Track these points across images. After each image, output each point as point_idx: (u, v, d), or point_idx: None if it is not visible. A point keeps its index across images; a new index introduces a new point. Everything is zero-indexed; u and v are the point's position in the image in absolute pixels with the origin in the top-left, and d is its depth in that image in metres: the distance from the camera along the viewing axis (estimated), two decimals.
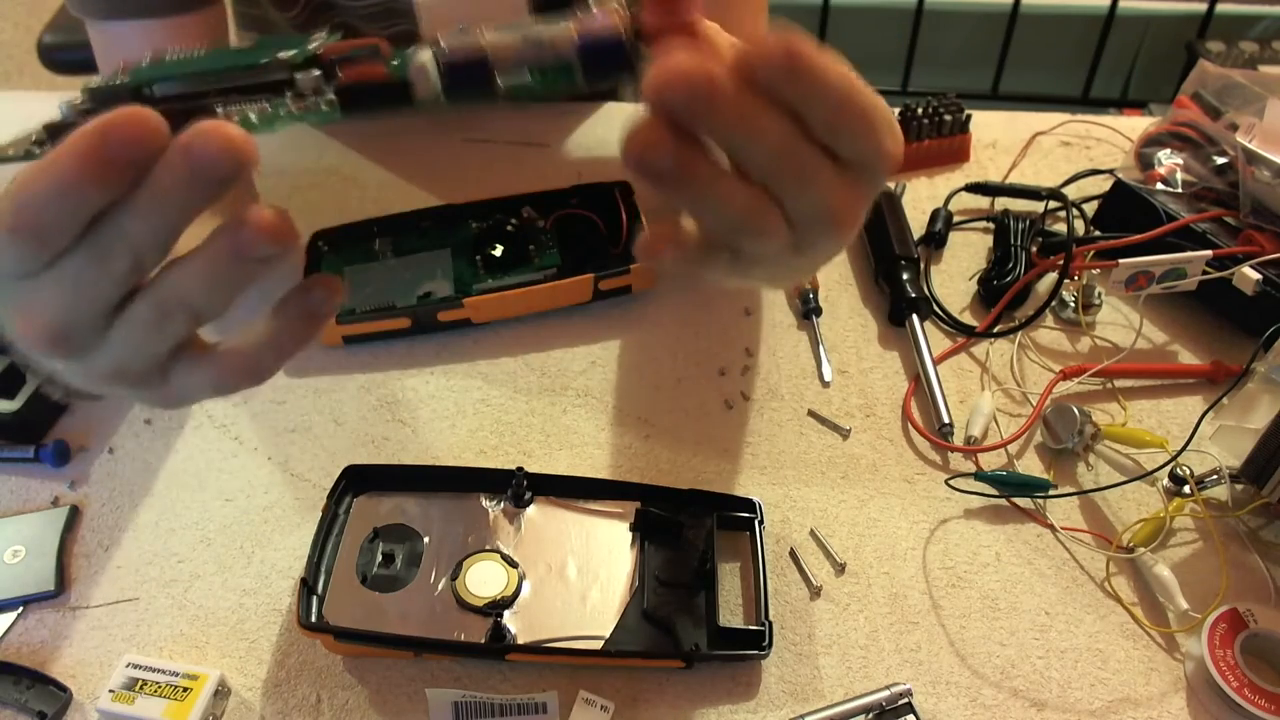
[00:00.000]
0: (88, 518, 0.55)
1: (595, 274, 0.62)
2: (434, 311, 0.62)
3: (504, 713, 0.45)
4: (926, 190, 0.74)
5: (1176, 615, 0.49)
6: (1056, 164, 0.76)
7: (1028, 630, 0.49)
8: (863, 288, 0.67)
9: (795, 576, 0.51)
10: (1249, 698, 0.44)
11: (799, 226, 0.30)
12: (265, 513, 0.55)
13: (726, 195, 0.28)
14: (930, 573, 0.51)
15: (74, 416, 0.60)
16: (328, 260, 0.66)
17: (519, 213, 0.67)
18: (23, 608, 0.50)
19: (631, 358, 0.62)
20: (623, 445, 0.58)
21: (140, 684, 0.45)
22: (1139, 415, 0.59)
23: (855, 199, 0.30)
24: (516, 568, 0.49)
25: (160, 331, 0.29)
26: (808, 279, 0.44)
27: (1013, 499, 0.54)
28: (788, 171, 0.28)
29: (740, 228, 0.29)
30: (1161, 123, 0.70)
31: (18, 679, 0.47)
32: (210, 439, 0.58)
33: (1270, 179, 0.60)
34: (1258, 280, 0.57)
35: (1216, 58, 1.35)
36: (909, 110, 0.76)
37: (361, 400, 0.60)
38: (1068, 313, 0.64)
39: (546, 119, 0.81)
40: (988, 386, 0.60)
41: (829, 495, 0.55)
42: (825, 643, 0.49)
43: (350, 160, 0.78)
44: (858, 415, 0.59)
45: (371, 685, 0.47)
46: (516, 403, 0.60)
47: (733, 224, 0.29)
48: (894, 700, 0.46)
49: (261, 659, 0.48)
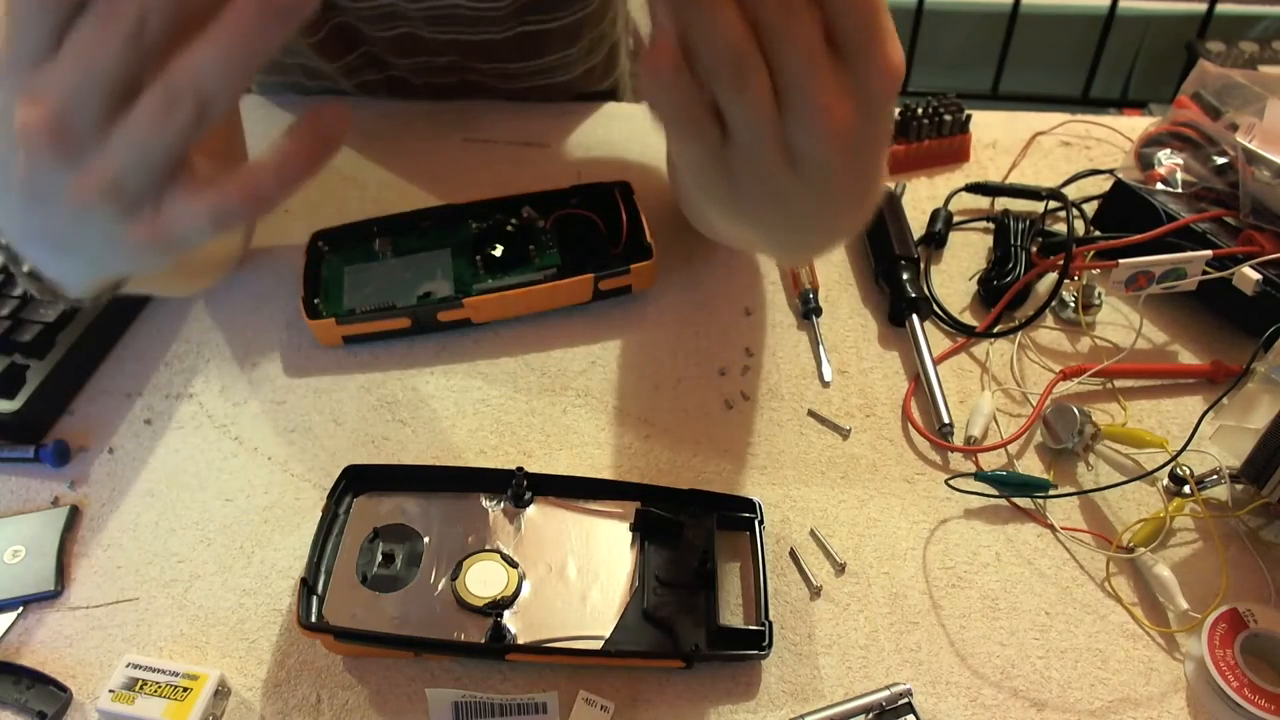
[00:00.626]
0: (88, 518, 0.55)
1: (595, 274, 0.62)
2: (434, 311, 0.62)
3: (504, 713, 0.45)
4: (926, 190, 0.74)
5: (1176, 615, 0.49)
6: (1056, 164, 0.76)
7: (1028, 630, 0.49)
8: (863, 288, 0.67)
9: (795, 576, 0.51)
10: (1249, 698, 0.44)
11: (790, 116, 0.30)
12: (265, 513, 0.55)
13: (725, 23, 0.28)
14: (930, 573, 0.51)
15: (74, 416, 0.60)
16: (328, 260, 0.66)
17: (519, 213, 0.67)
18: (23, 608, 0.50)
19: (631, 358, 0.62)
20: (623, 445, 0.58)
21: (140, 684, 0.46)
22: (1139, 415, 0.59)
23: (851, 110, 0.30)
24: (516, 568, 0.49)
25: (165, 124, 0.28)
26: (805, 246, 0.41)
27: (1013, 499, 0.54)
28: (786, 30, 0.28)
29: (728, 66, 0.29)
30: (1161, 123, 0.70)
31: (18, 679, 0.47)
32: (210, 439, 0.58)
33: (1270, 179, 0.60)
34: (1258, 280, 0.57)
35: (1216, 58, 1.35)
36: (909, 110, 0.76)
37: (361, 400, 0.60)
38: (1068, 313, 0.64)
39: (546, 119, 0.81)
40: (988, 386, 0.60)
41: (829, 495, 0.55)
42: (825, 643, 0.49)
43: (350, 160, 0.78)
44: (858, 415, 0.59)
45: (371, 685, 0.47)
46: (516, 403, 0.60)
47: (722, 58, 0.28)
48: (894, 700, 0.46)
49: (261, 659, 0.48)
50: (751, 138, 0.31)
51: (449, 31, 0.74)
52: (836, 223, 0.36)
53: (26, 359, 0.59)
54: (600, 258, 0.64)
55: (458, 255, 0.65)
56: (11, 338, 0.59)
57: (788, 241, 0.39)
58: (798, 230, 0.37)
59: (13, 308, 0.61)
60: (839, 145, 0.30)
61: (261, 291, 0.67)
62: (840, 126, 0.30)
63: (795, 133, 0.30)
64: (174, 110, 0.28)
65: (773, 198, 0.33)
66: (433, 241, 0.67)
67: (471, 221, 0.67)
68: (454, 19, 0.72)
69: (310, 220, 0.69)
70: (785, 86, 0.29)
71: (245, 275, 0.68)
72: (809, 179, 0.32)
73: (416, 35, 0.74)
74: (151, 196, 0.31)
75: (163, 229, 0.31)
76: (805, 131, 0.30)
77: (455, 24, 0.73)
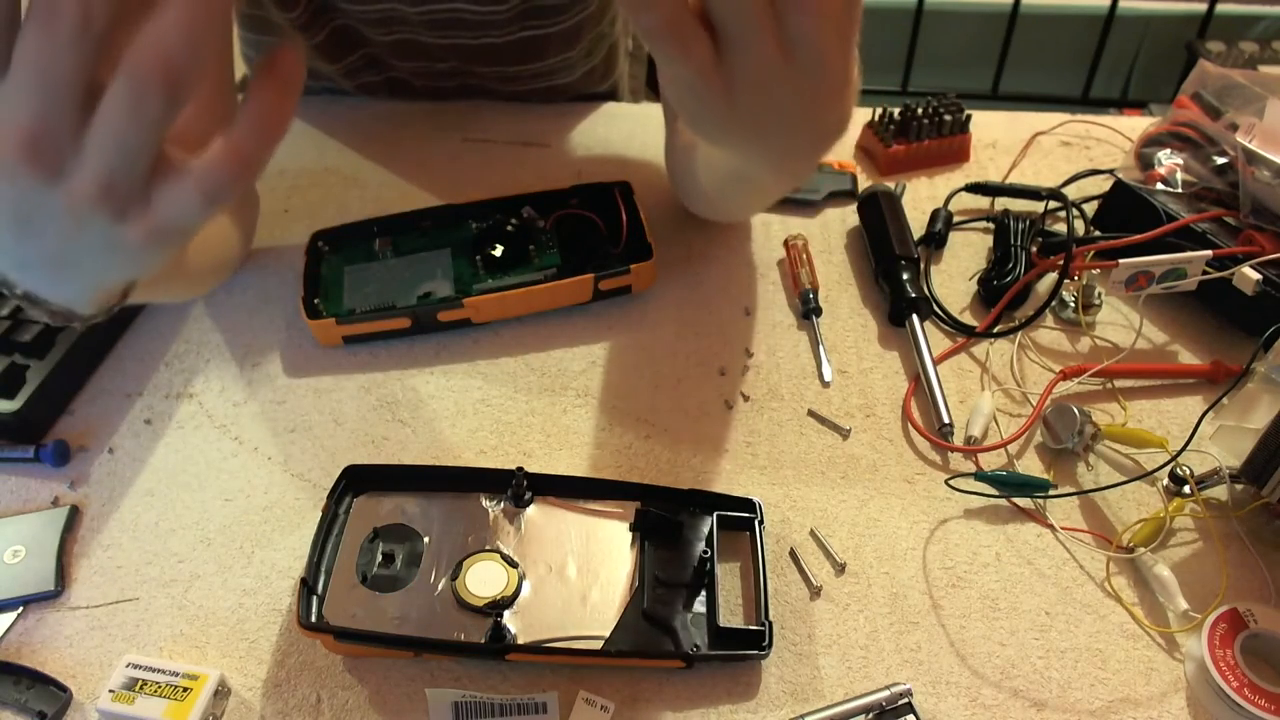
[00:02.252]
0: (88, 518, 0.55)
1: (595, 274, 0.62)
2: (434, 311, 0.62)
3: (504, 713, 0.45)
4: (926, 190, 0.74)
5: (1176, 615, 0.49)
6: (1056, 164, 0.76)
7: (1028, 630, 0.49)
8: (863, 288, 0.67)
9: (795, 576, 0.51)
10: (1249, 698, 0.44)
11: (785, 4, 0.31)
12: (265, 513, 0.55)
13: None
14: (930, 573, 0.51)
15: (74, 416, 0.60)
16: (328, 260, 0.66)
17: (519, 213, 0.67)
18: (23, 608, 0.50)
19: (631, 358, 0.62)
20: (623, 445, 0.58)
21: (140, 684, 0.45)
22: (1139, 415, 0.59)
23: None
24: (516, 568, 0.49)
25: (138, 114, 0.27)
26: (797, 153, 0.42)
27: (1013, 499, 0.54)
28: None
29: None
30: (1161, 123, 0.70)
31: (18, 679, 0.47)
32: (210, 439, 0.58)
33: (1270, 179, 0.60)
34: (1258, 280, 0.57)
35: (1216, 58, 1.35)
36: (909, 110, 0.76)
37: (361, 400, 0.60)
38: (1068, 313, 0.64)
39: (546, 119, 0.81)
40: (988, 386, 0.60)
41: (829, 495, 0.55)
42: (825, 643, 0.49)
43: (350, 160, 0.78)
44: (858, 415, 0.59)
45: (371, 685, 0.47)
46: (516, 403, 0.60)
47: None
48: (894, 700, 0.46)
49: (261, 659, 0.48)
50: (746, 30, 0.32)
51: (449, 36, 0.74)
52: (826, 118, 0.37)
53: (26, 359, 0.59)
54: (600, 258, 0.64)
55: (458, 255, 0.65)
56: (11, 338, 0.59)
57: (781, 150, 0.40)
58: (790, 133, 0.38)
59: (13, 308, 0.61)
60: (831, 26, 0.32)
61: (261, 291, 0.67)
62: (831, 5, 0.32)
63: (790, 19, 0.32)
64: (144, 97, 0.27)
65: (767, 100, 0.35)
66: (433, 241, 0.67)
67: (471, 221, 0.68)
68: (455, 24, 0.72)
69: (310, 220, 0.69)
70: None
71: (245, 275, 0.68)
72: (803, 66, 0.33)
73: (417, 39, 0.74)
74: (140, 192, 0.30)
75: (159, 220, 0.31)
76: (799, 15, 0.32)
77: (456, 28, 0.73)
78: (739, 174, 0.49)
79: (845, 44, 0.34)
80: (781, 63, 0.33)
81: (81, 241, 0.32)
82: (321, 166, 0.77)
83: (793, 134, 0.38)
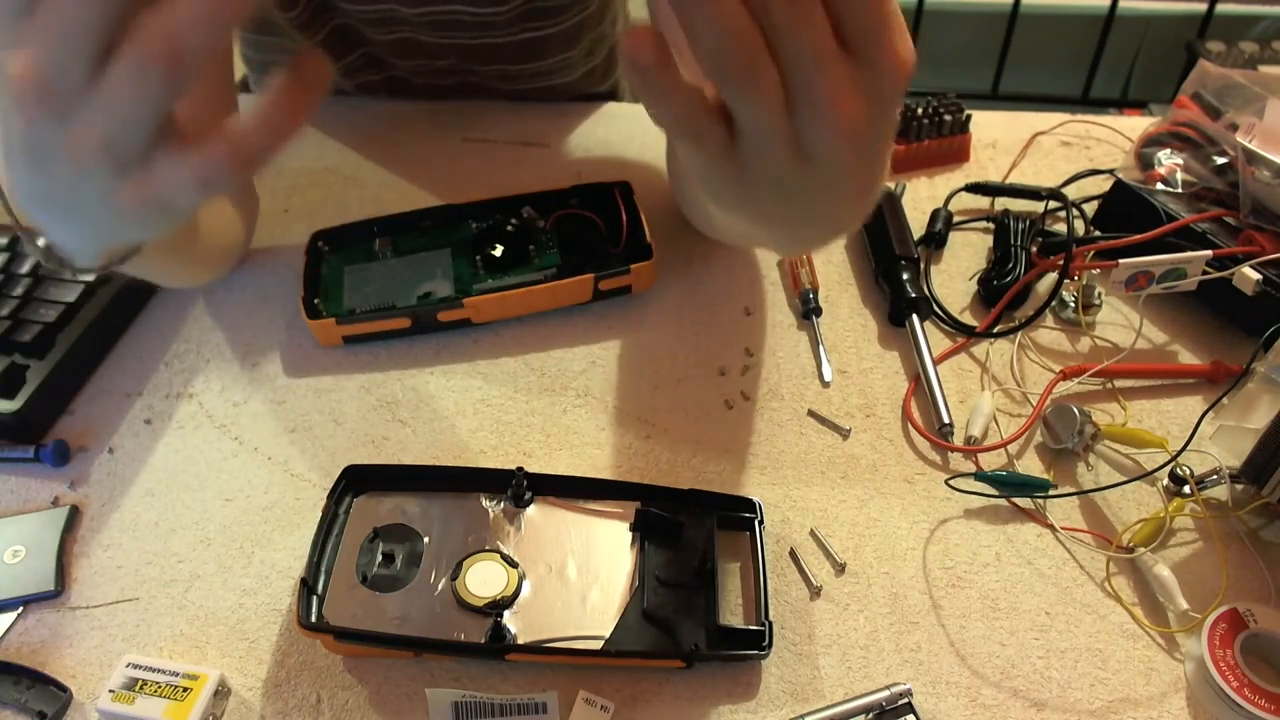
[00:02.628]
0: (88, 518, 0.55)
1: (595, 274, 0.62)
2: (434, 311, 0.62)
3: (504, 713, 0.45)
4: (926, 190, 0.74)
5: (1176, 615, 0.49)
6: (1056, 164, 0.76)
7: (1028, 630, 0.49)
8: (863, 288, 0.67)
9: (795, 576, 0.51)
10: (1249, 698, 0.44)
11: (801, 113, 0.29)
12: (265, 513, 0.55)
13: (730, 14, 0.27)
14: (930, 573, 0.51)
15: (74, 416, 0.60)
16: (328, 260, 0.66)
17: (519, 213, 0.67)
18: (23, 608, 0.50)
19: (631, 358, 0.62)
20: (623, 445, 0.58)
21: (140, 684, 0.45)
22: (1139, 415, 0.59)
23: (862, 105, 0.29)
24: (516, 568, 0.49)
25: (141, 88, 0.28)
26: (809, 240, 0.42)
27: (1013, 499, 0.54)
28: (794, 26, 0.28)
29: (736, 61, 0.28)
30: (1161, 123, 0.70)
31: (18, 679, 0.47)
32: (210, 439, 0.58)
33: (1270, 179, 0.60)
34: (1258, 280, 0.57)
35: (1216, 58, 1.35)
36: (909, 110, 0.76)
37: (361, 400, 0.60)
38: (1068, 313, 0.64)
39: (546, 119, 0.81)
40: (988, 386, 0.60)
41: (829, 495, 0.55)
42: (825, 643, 0.49)
43: (350, 160, 0.78)
44: (858, 415, 0.59)
45: (371, 685, 0.47)
46: (516, 403, 0.60)
47: (729, 52, 0.28)
48: (894, 700, 0.46)
49: (261, 659, 0.48)
50: (762, 135, 0.30)
51: (449, 36, 0.74)
52: (842, 215, 0.36)
53: (26, 359, 0.59)
54: (600, 258, 0.64)
55: (458, 255, 0.65)
56: (11, 338, 0.59)
57: (792, 236, 0.39)
58: (803, 224, 0.37)
59: (13, 308, 0.61)
60: (851, 140, 0.30)
61: (261, 291, 0.67)
62: (852, 122, 0.30)
63: (806, 129, 0.30)
64: (147, 75, 0.27)
65: (781, 193, 0.33)
66: (433, 241, 0.67)
67: (471, 221, 0.68)
68: (455, 24, 0.72)
69: (310, 220, 0.69)
70: (795, 83, 0.29)
71: (245, 275, 0.68)
72: (819, 174, 0.32)
73: (416, 38, 0.74)
74: (140, 158, 0.30)
75: (151, 191, 0.31)
76: (817, 127, 0.30)
77: (456, 29, 0.73)
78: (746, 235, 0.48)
79: (871, 153, 0.32)
80: (797, 168, 0.31)
81: (82, 188, 0.32)
82: (321, 166, 0.77)
83: (806, 225, 0.37)
